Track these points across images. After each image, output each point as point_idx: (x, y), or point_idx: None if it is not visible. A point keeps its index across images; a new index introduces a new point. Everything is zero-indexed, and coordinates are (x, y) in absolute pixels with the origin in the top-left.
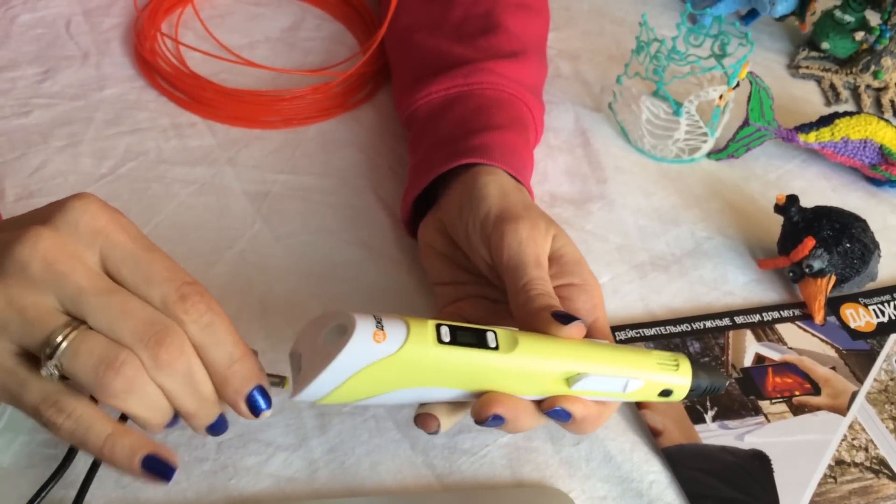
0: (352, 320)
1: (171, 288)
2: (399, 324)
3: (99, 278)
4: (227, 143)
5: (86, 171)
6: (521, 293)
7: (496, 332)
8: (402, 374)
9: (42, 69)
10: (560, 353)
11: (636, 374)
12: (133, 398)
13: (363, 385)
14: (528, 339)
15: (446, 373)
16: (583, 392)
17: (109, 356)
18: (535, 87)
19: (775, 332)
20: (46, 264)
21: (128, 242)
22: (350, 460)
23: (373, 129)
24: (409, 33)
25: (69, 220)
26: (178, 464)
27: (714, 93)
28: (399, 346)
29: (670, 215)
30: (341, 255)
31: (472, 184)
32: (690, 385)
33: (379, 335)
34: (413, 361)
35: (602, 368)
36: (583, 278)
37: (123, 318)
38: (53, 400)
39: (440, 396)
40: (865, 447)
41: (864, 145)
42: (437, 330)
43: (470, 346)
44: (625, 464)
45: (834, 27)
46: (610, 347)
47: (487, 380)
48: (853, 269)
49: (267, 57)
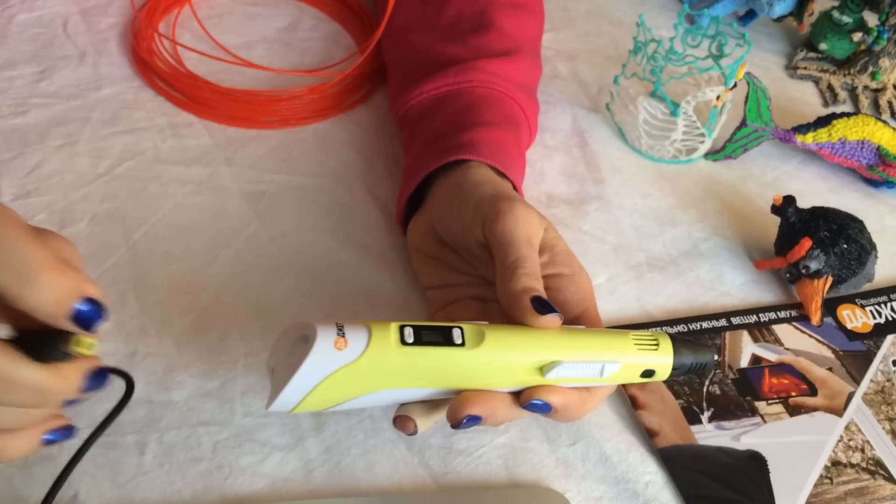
0: (313, 330)
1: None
2: (361, 329)
3: None
4: (223, 142)
5: (82, 170)
6: (508, 270)
7: (462, 328)
8: (368, 379)
9: (39, 69)
10: (530, 344)
11: (612, 358)
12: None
13: (331, 392)
14: (496, 331)
15: (414, 373)
16: (558, 380)
17: None
18: (528, 87)
19: (772, 333)
20: None
21: None
22: (346, 460)
23: (369, 129)
24: (403, 33)
25: None
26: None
27: (711, 93)
28: (361, 352)
29: (667, 216)
30: (337, 255)
31: (462, 177)
32: (673, 363)
33: (340, 342)
34: (377, 365)
35: (575, 355)
36: (573, 269)
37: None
38: None
39: (415, 396)
40: (862, 448)
41: (861, 146)
42: (401, 331)
43: (435, 344)
44: (621, 464)
45: (832, 28)
46: (585, 332)
47: (458, 376)
48: (850, 270)
49: (264, 57)
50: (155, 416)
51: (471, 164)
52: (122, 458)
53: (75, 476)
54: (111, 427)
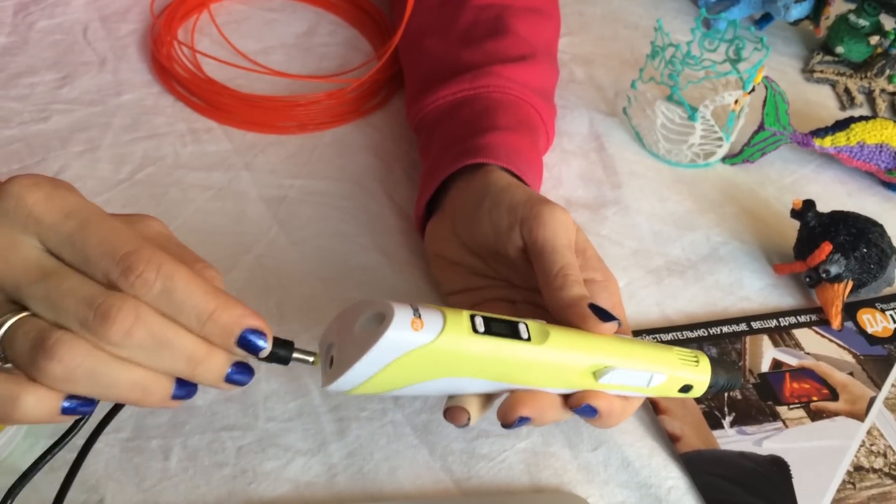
0: (390, 308)
1: (111, 264)
2: (435, 313)
3: (33, 265)
4: (243, 148)
5: (104, 176)
6: (558, 277)
7: (527, 324)
8: (436, 364)
9: (60, 75)
10: (589, 346)
11: (660, 369)
12: (82, 381)
13: (398, 374)
14: (559, 331)
15: (480, 363)
16: (609, 385)
17: (42, 337)
18: (545, 91)
19: (792, 338)
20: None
21: (59, 223)
22: (368, 465)
23: (387, 133)
24: (419, 38)
25: (2, 209)
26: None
27: (729, 97)
28: (436, 335)
29: (685, 220)
30: (357, 260)
31: (485, 181)
32: (710, 381)
33: (417, 323)
34: (449, 350)
35: (628, 362)
36: (605, 275)
37: (62, 300)
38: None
39: (470, 388)
40: (884, 453)
41: (879, 150)
42: (472, 320)
43: (503, 336)
44: (643, 469)
45: (848, 31)
46: (635, 342)
47: (518, 371)
48: (870, 275)
49: (282, 62)
50: (179, 420)
51: (491, 168)
52: (147, 462)
53: (101, 480)
54: (136, 431)
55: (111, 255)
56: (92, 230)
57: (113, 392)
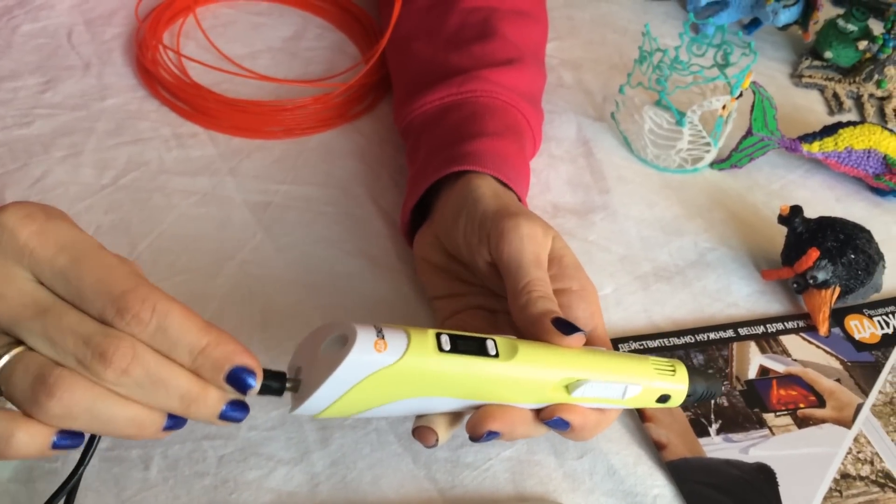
0: (352, 330)
1: (107, 303)
2: (399, 333)
3: (29, 300)
4: (228, 153)
5: (87, 181)
6: (522, 294)
7: (496, 340)
8: (403, 384)
9: (44, 79)
10: (559, 361)
11: (635, 380)
12: (81, 418)
13: (364, 396)
14: (528, 346)
15: (447, 381)
16: (582, 399)
17: (42, 375)
18: (532, 95)
19: (779, 344)
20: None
21: (53, 258)
22: (352, 474)
23: (374, 139)
24: (407, 42)
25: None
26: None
27: (717, 102)
28: (400, 356)
29: (673, 226)
30: (342, 266)
31: (464, 189)
32: (687, 390)
33: (380, 344)
34: (414, 370)
35: (601, 375)
36: (581, 284)
37: (60, 338)
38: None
39: (440, 406)
40: (871, 460)
41: (867, 155)
42: (438, 338)
43: (470, 353)
44: (629, 477)
45: (837, 36)
46: (608, 354)
47: (488, 388)
48: (857, 281)
49: (268, 66)
50: None
51: (474, 175)
52: (127, 472)
53: (80, 491)
54: (115, 441)
55: (106, 294)
56: (86, 267)
57: (110, 427)
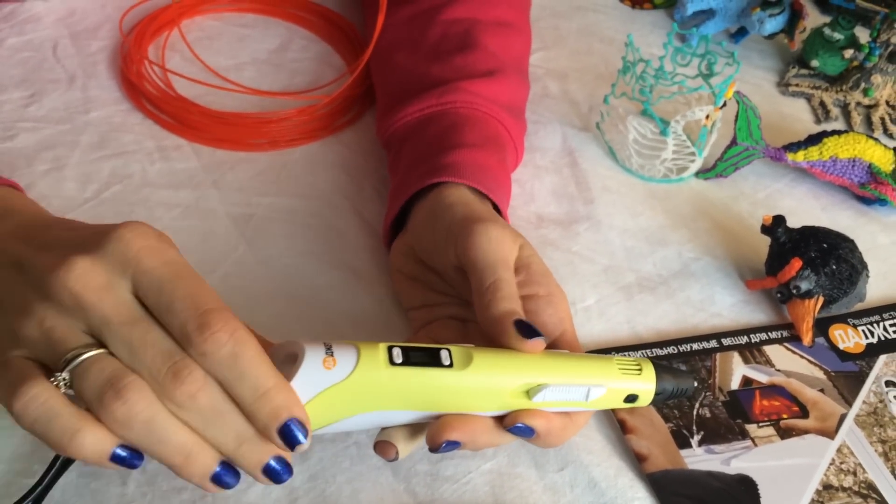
0: (301, 349)
1: (191, 317)
2: (349, 349)
3: (125, 308)
4: (212, 165)
5: (70, 195)
6: (487, 293)
7: (450, 350)
8: (356, 400)
9: (28, 93)
10: (517, 366)
11: (598, 382)
12: (138, 428)
13: (318, 413)
14: (484, 354)
15: (401, 394)
16: (544, 403)
17: (116, 377)
18: (514, 106)
19: (763, 354)
20: (75, 294)
21: (156, 269)
22: (331, 488)
23: (358, 150)
24: (389, 53)
25: (108, 250)
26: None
27: (700, 112)
28: (349, 372)
29: (658, 236)
30: (325, 278)
31: (436, 198)
32: (656, 389)
33: (329, 361)
34: (365, 385)
35: (561, 378)
36: (549, 290)
37: (143, 349)
38: (19, 381)
39: (400, 419)
40: (854, 471)
41: (852, 164)
42: (389, 352)
43: (423, 365)
44: (609, 490)
45: (823, 45)
46: (570, 356)
47: (444, 398)
48: (841, 290)
49: (254, 78)
50: None
51: (447, 185)
52: (105, 487)
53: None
54: None
55: (193, 308)
56: (182, 282)
57: (161, 448)
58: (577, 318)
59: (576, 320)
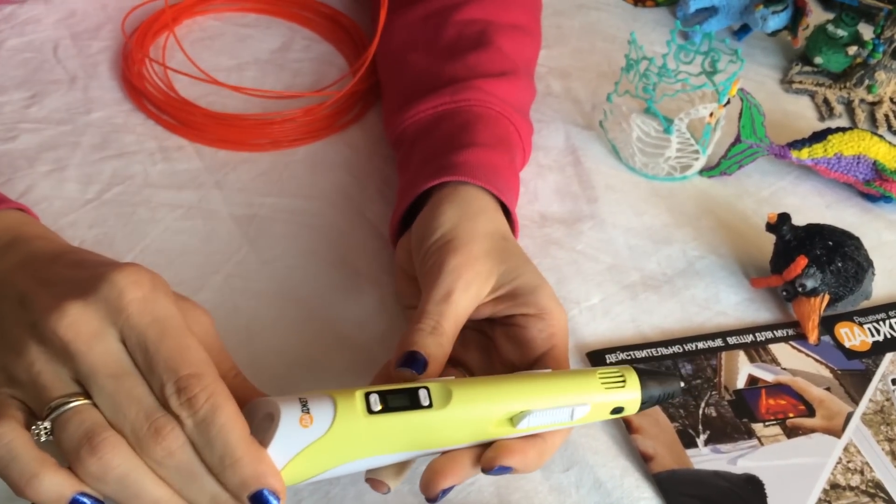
0: (276, 408)
1: (171, 378)
2: (325, 402)
3: (112, 359)
4: (214, 166)
5: (71, 196)
6: (414, 320)
7: (429, 388)
8: (336, 453)
9: (29, 94)
10: (498, 396)
11: (581, 400)
12: (112, 483)
13: (298, 471)
14: (463, 387)
15: (382, 441)
16: (529, 429)
17: (94, 432)
18: (523, 108)
19: (769, 353)
20: (66, 342)
21: (142, 327)
22: (335, 490)
23: (361, 150)
24: (402, 53)
25: (101, 296)
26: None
27: (704, 110)
28: (328, 427)
29: (662, 234)
30: (328, 279)
31: (433, 208)
32: (641, 397)
33: (305, 419)
34: (345, 438)
35: (544, 402)
36: (538, 307)
37: (126, 404)
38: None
39: (384, 462)
40: (861, 470)
41: (857, 161)
42: (366, 399)
43: (402, 409)
44: (615, 490)
45: (827, 42)
46: (551, 377)
47: (427, 438)
48: (847, 288)
49: (256, 78)
50: None
51: (459, 186)
52: None
53: None
54: None
55: (173, 371)
56: (166, 343)
57: (135, 503)
58: (581, 318)
59: (580, 319)
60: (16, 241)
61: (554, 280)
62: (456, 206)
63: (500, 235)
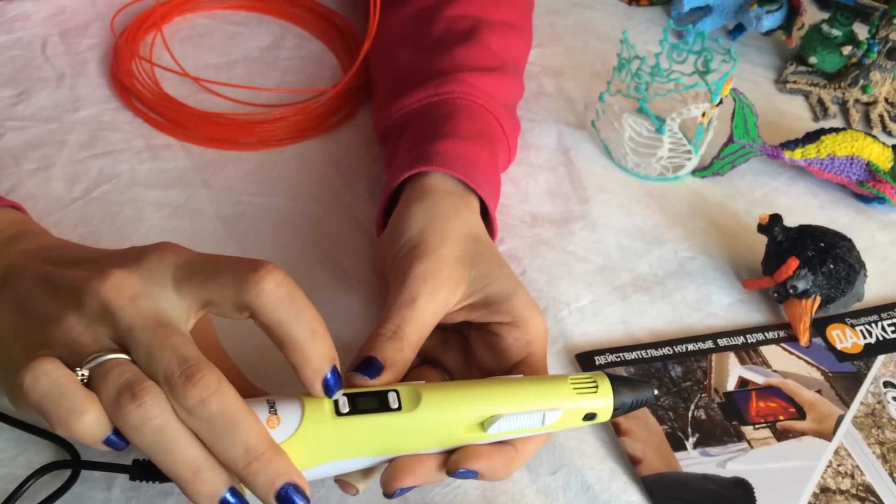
0: None
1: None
2: (293, 404)
3: (151, 314)
4: (202, 164)
5: (57, 194)
6: (378, 325)
7: (398, 391)
8: (304, 455)
9: (16, 91)
10: (468, 400)
11: (552, 405)
12: (148, 434)
13: None
14: (433, 391)
15: (351, 444)
16: (500, 434)
17: (135, 381)
18: (509, 105)
19: (759, 355)
20: (107, 301)
21: (196, 289)
22: (319, 492)
23: (350, 149)
24: (392, 50)
25: (141, 265)
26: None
27: (696, 110)
28: (294, 429)
29: (653, 235)
30: (315, 278)
31: (402, 209)
32: (614, 403)
33: (273, 420)
34: (312, 440)
35: (514, 406)
36: (513, 315)
37: (161, 351)
38: (33, 358)
39: (353, 467)
40: (851, 474)
41: (850, 162)
42: (335, 401)
43: (371, 411)
44: (603, 493)
45: (821, 41)
46: (522, 382)
47: (396, 442)
48: (838, 290)
49: (245, 76)
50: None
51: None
52: (89, 492)
53: None
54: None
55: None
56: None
57: (168, 459)
58: (571, 319)
59: (570, 320)
60: (23, 234)
61: (544, 280)
62: (425, 207)
63: (472, 238)
